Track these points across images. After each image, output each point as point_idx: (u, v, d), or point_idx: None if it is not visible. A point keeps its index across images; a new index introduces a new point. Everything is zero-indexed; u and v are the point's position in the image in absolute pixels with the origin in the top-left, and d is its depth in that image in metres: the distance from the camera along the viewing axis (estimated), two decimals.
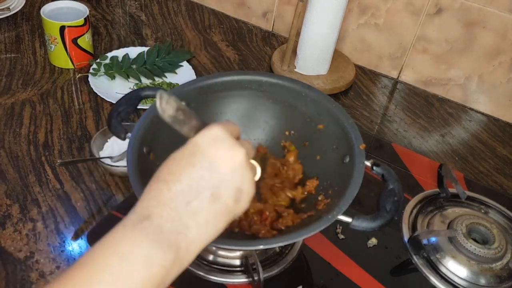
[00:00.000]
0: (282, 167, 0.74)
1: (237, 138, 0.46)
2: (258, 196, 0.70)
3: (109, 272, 0.35)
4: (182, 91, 0.72)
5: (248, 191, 0.43)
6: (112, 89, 0.98)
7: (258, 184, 0.68)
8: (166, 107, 0.42)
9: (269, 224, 0.66)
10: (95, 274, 0.35)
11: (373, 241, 0.76)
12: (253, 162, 0.48)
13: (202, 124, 0.44)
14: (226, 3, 1.28)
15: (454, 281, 0.72)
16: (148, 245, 0.37)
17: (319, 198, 0.68)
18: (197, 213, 0.39)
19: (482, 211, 0.83)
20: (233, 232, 0.65)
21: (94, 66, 1.01)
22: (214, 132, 0.42)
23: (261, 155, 0.72)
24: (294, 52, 1.08)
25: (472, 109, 1.10)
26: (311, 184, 0.71)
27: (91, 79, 0.98)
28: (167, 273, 0.38)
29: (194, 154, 0.41)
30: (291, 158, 0.75)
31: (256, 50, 1.18)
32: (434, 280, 0.72)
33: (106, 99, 0.94)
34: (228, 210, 0.41)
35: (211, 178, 0.40)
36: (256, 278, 0.65)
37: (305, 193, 0.71)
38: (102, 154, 0.81)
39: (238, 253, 0.69)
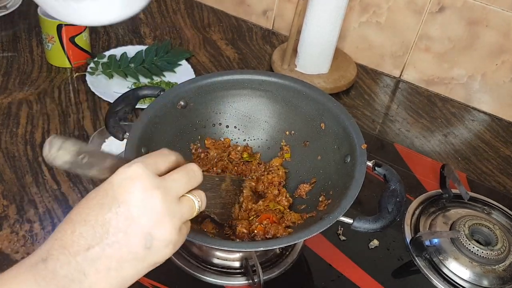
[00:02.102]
0: (265, 172, 0.74)
1: (171, 168, 0.42)
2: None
3: None
4: (181, 91, 0.71)
5: (164, 237, 0.39)
6: (110, 88, 0.97)
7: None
8: (59, 153, 0.39)
9: (277, 220, 0.66)
10: None
11: (374, 242, 0.75)
12: (194, 195, 0.44)
13: (120, 162, 0.41)
14: (226, 1, 1.27)
15: (456, 283, 0.71)
16: None
17: (320, 199, 0.68)
18: (97, 260, 0.36)
19: (485, 212, 0.82)
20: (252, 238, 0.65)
21: (92, 65, 1.00)
22: (131, 170, 0.39)
23: (237, 178, 0.70)
24: (295, 51, 1.07)
25: (475, 109, 1.09)
26: (303, 189, 0.71)
27: (88, 78, 0.97)
28: None
29: (106, 195, 0.38)
30: (277, 164, 0.75)
31: (256, 48, 1.17)
32: (436, 282, 0.71)
33: (104, 98, 0.93)
34: (137, 258, 0.38)
35: (118, 223, 0.37)
36: (256, 280, 0.64)
37: (290, 198, 0.70)
38: None
39: (237, 255, 0.68)
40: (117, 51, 1.05)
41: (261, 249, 0.63)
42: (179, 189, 0.41)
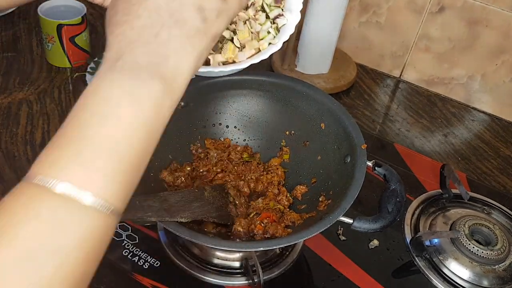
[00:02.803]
0: (264, 172, 0.74)
1: None
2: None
3: (96, 115, 0.34)
4: None
5: (211, 6, 0.40)
6: None
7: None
8: None
9: (277, 219, 0.66)
10: (83, 121, 0.34)
11: (374, 242, 0.75)
12: None
13: None
14: None
15: (456, 283, 0.71)
16: (128, 83, 0.35)
17: (320, 199, 0.68)
18: (169, 41, 0.37)
19: (485, 212, 0.82)
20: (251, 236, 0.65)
21: (92, 65, 1.00)
22: None
23: (216, 185, 0.70)
24: (295, 51, 1.07)
25: (475, 109, 1.09)
26: (299, 190, 0.71)
27: (88, 78, 0.97)
28: (159, 106, 0.36)
29: None
30: (275, 163, 0.75)
31: None
32: (436, 282, 0.71)
33: None
34: (200, 31, 0.39)
35: (168, 5, 0.38)
36: (256, 280, 0.64)
37: (290, 198, 0.71)
38: None
39: (237, 255, 0.68)
40: None
41: (261, 249, 0.63)
42: None
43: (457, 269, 0.72)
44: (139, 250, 0.69)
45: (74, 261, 0.31)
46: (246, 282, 0.67)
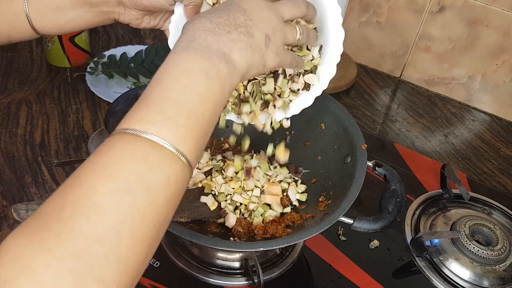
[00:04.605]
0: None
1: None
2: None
3: (177, 83, 0.40)
4: None
5: (276, 41, 0.47)
6: (109, 88, 0.97)
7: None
8: (29, 214, 0.44)
9: (277, 219, 0.66)
10: (166, 86, 0.40)
11: (375, 242, 0.75)
12: (294, 23, 0.52)
13: None
14: None
15: (457, 283, 0.71)
16: (202, 60, 0.41)
17: (320, 199, 0.68)
18: (236, 41, 0.44)
19: (485, 212, 0.82)
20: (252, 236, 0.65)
21: (92, 65, 1.00)
22: None
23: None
24: None
25: (475, 109, 1.09)
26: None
27: (88, 78, 0.97)
28: (223, 87, 0.42)
29: (230, 3, 0.47)
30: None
31: None
32: (437, 282, 0.71)
33: (104, 98, 0.92)
34: (261, 50, 0.46)
35: (245, 20, 0.45)
36: (256, 280, 0.64)
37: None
38: None
39: (237, 255, 0.68)
40: (117, 51, 1.05)
41: (261, 249, 0.63)
42: (285, 12, 0.49)
43: (458, 270, 0.72)
44: None
45: (162, 201, 0.36)
46: (246, 282, 0.67)
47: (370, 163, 0.64)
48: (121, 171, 0.35)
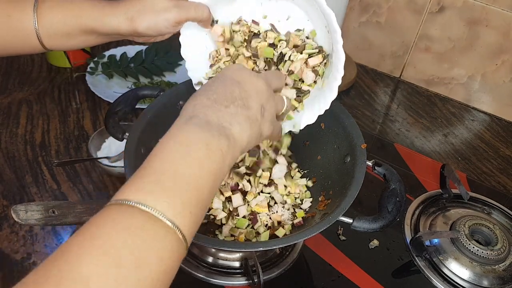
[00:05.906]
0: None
1: None
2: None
3: (176, 154, 0.40)
4: (181, 91, 0.71)
5: (270, 111, 0.49)
6: (109, 88, 0.97)
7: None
8: (28, 215, 0.45)
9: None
10: (165, 158, 0.39)
11: (374, 242, 0.75)
12: (282, 95, 0.55)
13: (92, 203, 0.51)
14: None
15: (456, 283, 0.71)
16: (202, 133, 0.42)
17: (320, 199, 0.68)
18: (235, 115, 0.45)
19: (485, 212, 0.82)
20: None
21: (92, 65, 1.00)
22: (237, 65, 0.50)
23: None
24: None
25: (475, 109, 1.09)
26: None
27: (88, 78, 0.97)
28: (223, 158, 0.42)
29: (223, 77, 0.48)
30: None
31: None
32: (436, 282, 0.71)
33: (104, 98, 0.92)
34: (257, 120, 0.47)
35: (240, 92, 0.46)
36: (256, 280, 0.64)
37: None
38: (99, 154, 0.80)
39: (237, 255, 0.68)
40: (117, 51, 1.05)
41: (261, 249, 0.63)
42: (273, 82, 0.52)
43: (457, 269, 0.72)
44: None
45: (153, 278, 0.34)
46: (246, 282, 0.67)
47: (369, 163, 0.64)
48: (113, 243, 0.33)
